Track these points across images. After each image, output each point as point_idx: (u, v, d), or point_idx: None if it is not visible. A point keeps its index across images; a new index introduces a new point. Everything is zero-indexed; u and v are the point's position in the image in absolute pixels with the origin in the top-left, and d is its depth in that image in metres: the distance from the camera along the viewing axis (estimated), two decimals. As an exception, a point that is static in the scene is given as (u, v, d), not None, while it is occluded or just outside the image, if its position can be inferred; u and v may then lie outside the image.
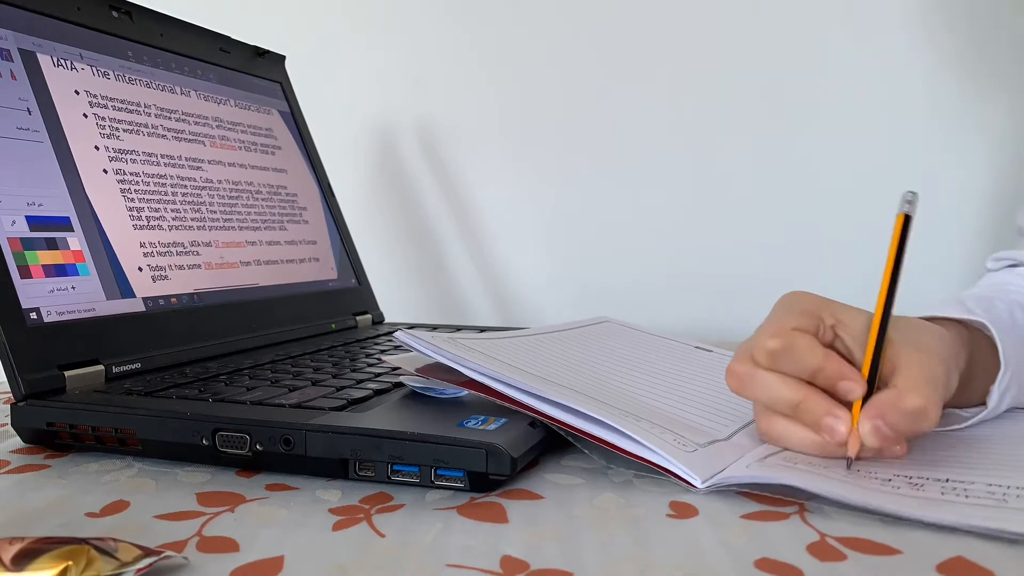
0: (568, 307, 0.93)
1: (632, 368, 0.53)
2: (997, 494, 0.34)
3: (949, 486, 0.35)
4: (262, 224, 0.68)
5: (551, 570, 0.30)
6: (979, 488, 0.34)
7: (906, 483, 0.36)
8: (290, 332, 0.66)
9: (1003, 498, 0.33)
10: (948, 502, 0.33)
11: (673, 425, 0.42)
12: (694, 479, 0.37)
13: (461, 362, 0.43)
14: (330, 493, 0.38)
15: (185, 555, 0.31)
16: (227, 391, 0.47)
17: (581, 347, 0.55)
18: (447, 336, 0.48)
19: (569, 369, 0.49)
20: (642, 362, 0.55)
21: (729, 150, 0.88)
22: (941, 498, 0.34)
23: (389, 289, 0.87)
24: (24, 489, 0.40)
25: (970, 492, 0.34)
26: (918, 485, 0.35)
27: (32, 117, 0.52)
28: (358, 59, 0.96)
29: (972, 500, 0.33)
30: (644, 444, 0.38)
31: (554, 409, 0.40)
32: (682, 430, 0.41)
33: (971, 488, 0.35)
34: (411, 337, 0.45)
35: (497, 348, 0.49)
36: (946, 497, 0.34)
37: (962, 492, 0.34)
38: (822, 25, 0.84)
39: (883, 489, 0.35)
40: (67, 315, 0.49)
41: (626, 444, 0.38)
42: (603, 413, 0.40)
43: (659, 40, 0.88)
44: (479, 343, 0.49)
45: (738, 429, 0.44)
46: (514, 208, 0.94)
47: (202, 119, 0.66)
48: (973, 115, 0.82)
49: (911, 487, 0.35)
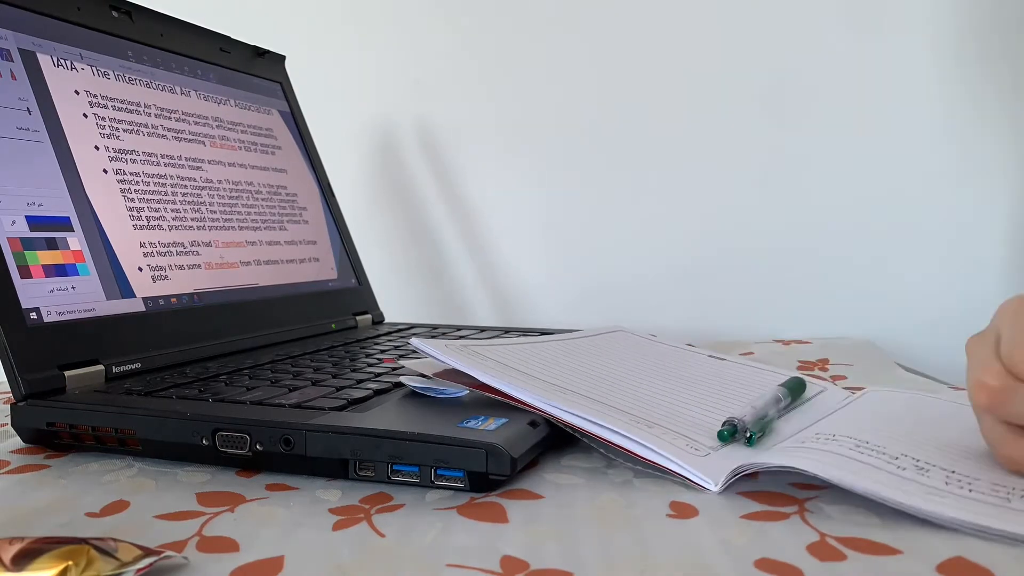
0: (568, 307, 0.93)
1: (645, 374, 0.53)
2: (1001, 493, 0.34)
3: (955, 477, 0.35)
4: (262, 224, 0.68)
5: (551, 570, 0.30)
6: (984, 484, 0.34)
7: (913, 465, 0.36)
8: (290, 332, 0.66)
9: (1007, 498, 0.33)
10: (951, 494, 0.33)
11: (686, 429, 0.42)
12: (707, 483, 0.37)
13: (473, 370, 0.44)
14: (330, 493, 0.38)
15: (185, 555, 0.31)
16: (227, 391, 0.47)
17: (594, 354, 0.56)
18: (461, 343, 0.49)
19: (581, 375, 0.49)
20: (655, 368, 0.55)
21: (731, 150, 0.88)
22: (944, 488, 0.34)
23: (389, 289, 0.87)
24: (24, 489, 0.40)
25: (974, 487, 0.34)
26: (924, 470, 0.35)
27: (32, 117, 0.52)
28: (358, 59, 0.96)
29: (975, 495, 0.33)
30: (655, 450, 0.38)
31: (566, 416, 0.41)
32: (695, 434, 0.42)
33: (976, 484, 0.34)
34: (425, 344, 0.46)
35: (509, 355, 0.50)
36: (949, 488, 0.34)
37: (966, 485, 0.34)
38: (822, 24, 0.84)
39: (888, 469, 0.35)
40: (67, 315, 0.49)
41: (638, 450, 0.39)
42: (614, 422, 0.40)
43: (659, 40, 0.88)
44: (491, 350, 0.50)
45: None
46: (514, 208, 0.94)
47: (202, 119, 0.66)
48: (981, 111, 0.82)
49: (917, 471, 0.35)
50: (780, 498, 0.36)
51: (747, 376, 0.55)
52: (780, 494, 0.36)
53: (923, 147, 0.83)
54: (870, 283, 0.84)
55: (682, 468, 0.37)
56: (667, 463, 0.38)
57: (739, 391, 0.51)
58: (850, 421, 0.43)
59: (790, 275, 0.86)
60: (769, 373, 0.56)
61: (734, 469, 0.37)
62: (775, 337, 0.82)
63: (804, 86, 0.85)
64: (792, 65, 0.85)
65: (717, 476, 0.37)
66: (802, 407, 0.49)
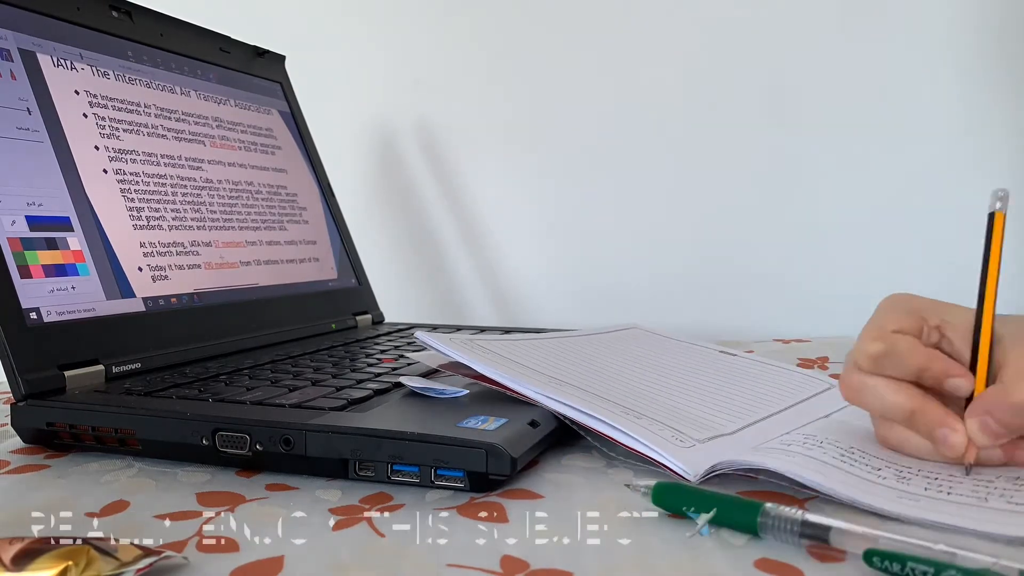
0: (568, 307, 0.93)
1: (648, 369, 0.54)
2: (981, 493, 0.34)
3: (936, 484, 0.35)
4: (262, 224, 0.68)
5: (551, 570, 0.30)
6: (965, 488, 0.35)
7: (894, 475, 0.36)
8: (290, 332, 0.66)
9: (984, 498, 0.33)
10: (926, 498, 0.34)
11: (676, 421, 0.43)
12: (687, 473, 0.37)
13: (472, 362, 0.45)
14: (330, 493, 0.38)
15: (185, 555, 0.31)
16: (227, 391, 0.47)
17: (601, 349, 0.56)
18: (465, 337, 0.50)
19: (582, 369, 0.50)
20: (660, 364, 0.56)
21: (733, 150, 0.88)
22: (922, 493, 0.34)
23: (389, 289, 0.87)
24: (24, 489, 0.40)
25: (954, 490, 0.34)
26: (905, 478, 0.36)
27: (32, 117, 0.52)
28: (358, 59, 0.96)
29: (953, 498, 0.33)
30: (638, 439, 0.39)
31: (557, 405, 0.42)
32: (684, 426, 0.42)
33: (957, 487, 0.35)
34: (430, 337, 0.48)
35: (512, 349, 0.50)
36: (928, 493, 0.34)
37: (946, 489, 0.34)
38: (823, 24, 0.84)
39: (869, 478, 0.35)
40: (67, 315, 0.49)
41: (623, 439, 0.40)
42: (602, 411, 0.41)
43: (660, 39, 0.88)
44: (495, 344, 0.50)
45: (745, 425, 0.44)
46: (514, 208, 0.94)
47: (202, 119, 0.66)
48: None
49: (898, 479, 0.35)
50: (780, 498, 0.36)
51: (755, 372, 0.56)
52: (780, 494, 0.36)
53: (924, 147, 0.83)
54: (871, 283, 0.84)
55: (663, 457, 0.38)
56: (649, 452, 0.39)
57: (746, 387, 0.51)
58: (842, 425, 0.43)
59: (790, 275, 0.86)
60: (776, 369, 0.57)
61: (712, 465, 0.37)
62: (775, 336, 0.82)
63: (804, 86, 0.85)
64: (792, 65, 0.85)
65: (698, 468, 0.37)
66: (800, 405, 0.49)
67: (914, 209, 0.83)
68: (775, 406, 0.48)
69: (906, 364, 0.38)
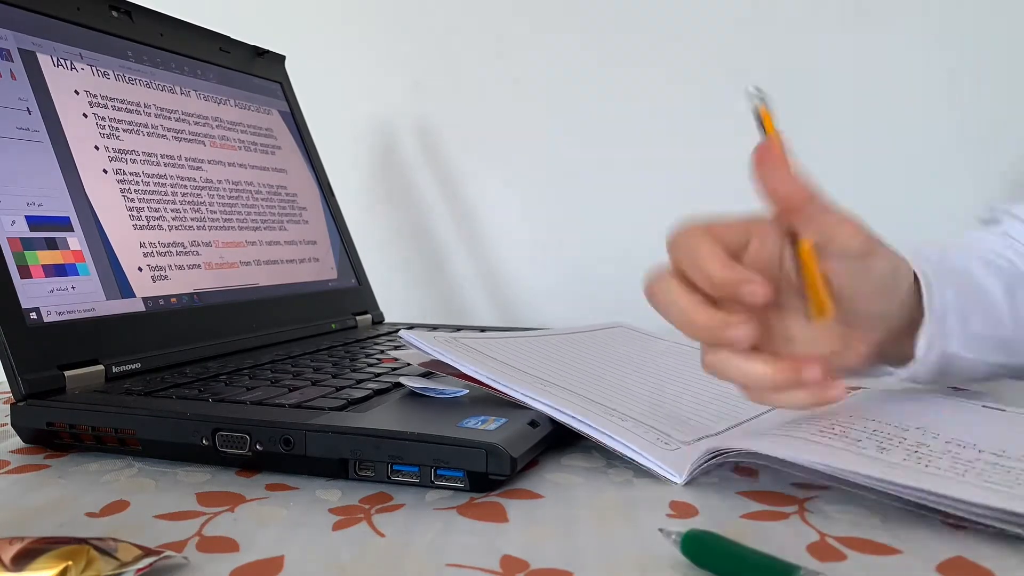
0: (568, 306, 0.93)
1: (634, 368, 0.53)
2: (959, 469, 0.34)
3: (915, 456, 0.35)
4: (262, 224, 0.68)
5: (551, 570, 0.30)
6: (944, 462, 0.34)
7: (875, 445, 0.36)
8: (290, 332, 0.66)
9: (962, 474, 0.33)
10: (902, 467, 0.33)
11: (661, 422, 0.43)
12: (673, 475, 0.37)
13: (455, 361, 0.45)
14: (330, 493, 0.38)
15: (185, 555, 0.31)
16: (227, 391, 0.47)
17: (586, 348, 0.56)
18: (448, 336, 0.49)
19: (568, 368, 0.50)
20: (646, 363, 0.55)
21: (733, 149, 0.87)
22: (901, 463, 0.34)
23: (389, 289, 0.87)
24: (24, 489, 0.40)
25: (932, 463, 0.34)
26: (885, 448, 0.36)
27: (32, 117, 0.52)
28: (358, 59, 0.96)
29: (931, 470, 0.33)
30: (623, 442, 0.39)
31: (540, 406, 0.42)
32: (670, 428, 0.42)
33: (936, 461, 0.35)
34: (413, 336, 0.47)
35: (495, 348, 0.50)
36: (906, 463, 0.34)
37: (924, 460, 0.34)
38: (823, 23, 0.84)
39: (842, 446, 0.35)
40: (67, 315, 0.49)
41: (608, 442, 0.40)
42: (587, 414, 0.41)
43: (660, 39, 0.88)
44: (478, 343, 0.50)
45: (732, 426, 0.44)
46: (514, 208, 0.94)
47: (202, 119, 0.66)
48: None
49: (878, 450, 0.35)
50: (780, 498, 0.36)
51: None
52: (780, 494, 0.36)
53: (924, 146, 0.83)
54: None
55: (648, 460, 0.38)
56: (634, 455, 0.39)
57: (733, 387, 0.51)
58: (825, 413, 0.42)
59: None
60: None
61: (694, 461, 0.37)
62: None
63: (804, 86, 0.85)
64: (792, 65, 0.85)
65: (684, 468, 0.37)
66: None
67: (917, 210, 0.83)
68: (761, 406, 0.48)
69: (696, 261, 0.38)
